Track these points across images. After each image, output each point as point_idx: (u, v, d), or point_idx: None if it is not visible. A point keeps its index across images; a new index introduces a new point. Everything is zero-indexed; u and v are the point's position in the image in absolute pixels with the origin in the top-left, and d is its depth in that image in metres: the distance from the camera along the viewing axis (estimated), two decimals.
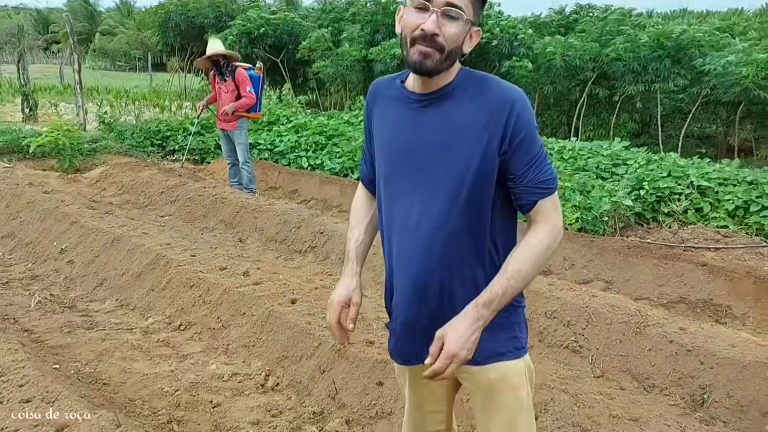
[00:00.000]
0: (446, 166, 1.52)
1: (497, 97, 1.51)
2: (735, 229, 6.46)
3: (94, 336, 3.81)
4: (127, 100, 16.28)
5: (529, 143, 1.51)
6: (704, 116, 12.39)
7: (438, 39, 1.46)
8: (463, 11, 1.46)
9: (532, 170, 1.52)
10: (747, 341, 3.66)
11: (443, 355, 1.46)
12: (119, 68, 43.91)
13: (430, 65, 1.48)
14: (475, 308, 1.48)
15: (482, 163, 1.50)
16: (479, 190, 1.53)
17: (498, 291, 1.49)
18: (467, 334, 1.46)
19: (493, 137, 1.49)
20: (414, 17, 1.48)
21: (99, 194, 7.22)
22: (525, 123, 1.50)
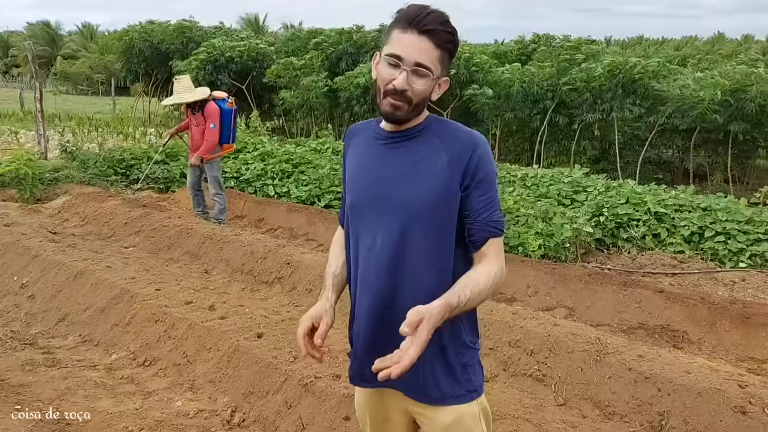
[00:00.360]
0: (408, 197, 1.62)
1: (461, 138, 1.63)
2: (691, 254, 6.68)
3: (56, 374, 3.75)
4: (90, 127, 16.07)
5: (487, 184, 1.62)
6: (661, 143, 12.80)
7: (407, 93, 1.57)
8: (431, 70, 1.57)
9: (487, 209, 1.63)
10: (702, 367, 3.79)
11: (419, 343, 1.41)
12: (81, 92, 43.34)
13: (400, 115, 1.61)
14: (443, 306, 1.48)
15: (443, 195, 1.61)
16: (439, 221, 1.62)
17: (462, 300, 1.53)
18: (435, 327, 1.45)
19: (455, 174, 1.60)
20: (387, 71, 1.59)
21: (61, 225, 7.11)
22: (485, 164, 1.62)
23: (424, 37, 1.54)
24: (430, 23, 1.54)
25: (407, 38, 1.55)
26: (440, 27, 1.55)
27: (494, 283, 1.60)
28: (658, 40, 50.82)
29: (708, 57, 15.30)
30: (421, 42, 1.54)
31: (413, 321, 1.42)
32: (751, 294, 5.71)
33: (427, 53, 1.55)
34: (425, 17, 1.54)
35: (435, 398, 1.69)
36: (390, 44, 1.58)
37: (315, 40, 16.96)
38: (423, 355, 1.48)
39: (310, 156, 10.08)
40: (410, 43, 1.54)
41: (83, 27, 56.80)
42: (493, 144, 12.96)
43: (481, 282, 1.57)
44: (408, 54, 1.55)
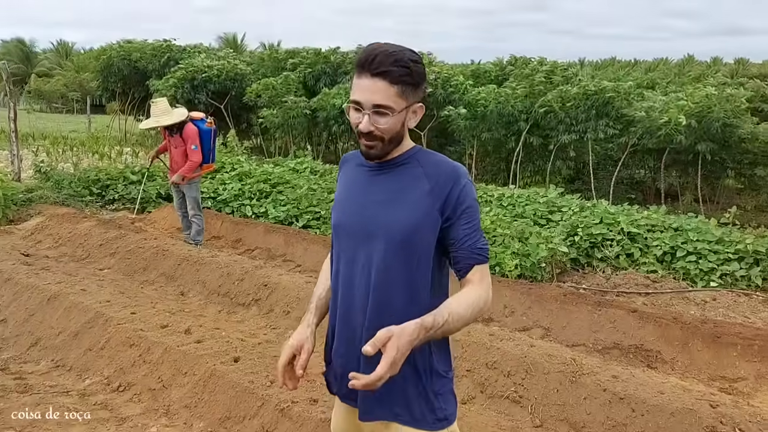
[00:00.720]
0: (388, 219, 1.69)
1: (444, 170, 1.70)
2: (663, 273, 6.80)
3: (28, 400, 3.68)
4: (65, 146, 15.88)
5: (471, 213, 1.69)
6: (633, 163, 13.03)
7: (375, 133, 1.65)
8: (392, 107, 1.63)
9: (471, 237, 1.69)
10: (675, 387, 3.85)
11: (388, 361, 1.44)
12: (56, 110, 42.87)
13: (375, 154, 1.70)
14: (419, 326, 1.51)
15: (422, 223, 1.66)
16: (417, 248, 1.68)
17: (440, 322, 1.55)
18: (407, 347, 1.48)
19: (436, 202, 1.66)
20: (353, 116, 1.67)
21: (34, 247, 7.01)
22: (468, 195, 1.69)
23: (377, 78, 1.60)
24: (380, 65, 1.59)
25: (362, 83, 1.62)
26: (391, 66, 1.60)
27: (477, 309, 1.64)
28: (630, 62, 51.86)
29: (677, 79, 15.66)
30: (375, 84, 1.61)
31: (380, 339, 1.46)
32: (721, 313, 5.82)
33: (383, 93, 1.61)
34: (374, 60, 1.60)
35: (405, 421, 1.73)
36: (352, 91, 1.66)
37: (292, 60, 17.03)
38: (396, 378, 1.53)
39: (288, 176, 10.09)
40: (365, 87, 1.62)
41: (58, 45, 56.34)
42: (470, 164, 13.07)
43: (461, 307, 1.61)
44: (365, 98, 1.62)
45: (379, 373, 1.44)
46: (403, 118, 1.67)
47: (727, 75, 20.43)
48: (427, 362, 1.72)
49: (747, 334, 4.73)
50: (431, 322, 1.53)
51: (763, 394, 4.23)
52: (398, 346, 1.45)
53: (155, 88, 17.31)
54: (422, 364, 1.72)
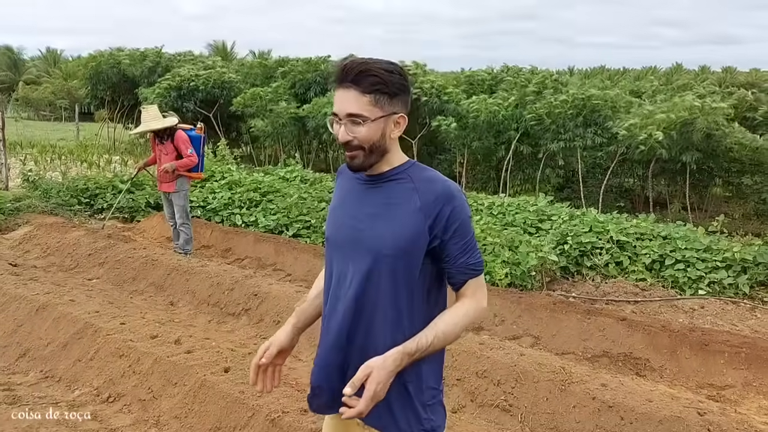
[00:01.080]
0: (377, 233, 1.71)
1: (436, 188, 1.71)
2: (652, 281, 6.85)
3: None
4: (53, 155, 15.81)
5: (463, 231, 1.72)
6: (622, 171, 13.13)
7: (353, 143, 1.68)
8: (364, 116, 1.66)
9: (464, 254, 1.73)
10: (663, 395, 3.88)
11: (368, 397, 1.57)
12: (43, 118, 42.64)
13: (357, 164, 1.72)
14: (401, 353, 1.63)
15: (411, 237, 1.68)
16: (405, 262, 1.70)
17: (423, 345, 1.65)
18: (388, 378, 1.61)
19: (426, 219, 1.68)
20: (334, 129, 1.72)
21: (22, 257, 6.97)
22: (460, 213, 1.71)
23: (349, 88, 1.65)
24: (349, 75, 1.65)
25: (337, 95, 1.69)
26: (360, 75, 1.64)
27: (467, 321, 1.73)
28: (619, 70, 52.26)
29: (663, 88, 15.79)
30: (346, 94, 1.66)
31: (359, 378, 1.58)
32: (709, 321, 5.87)
33: (355, 102, 1.65)
34: (345, 71, 1.65)
35: (388, 428, 1.75)
36: (332, 103, 1.71)
37: (282, 69, 17.06)
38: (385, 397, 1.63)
39: (278, 185, 10.08)
40: (339, 98, 1.68)
41: (47, 52, 56.09)
42: (460, 172, 13.12)
43: (448, 326, 1.69)
44: (340, 108, 1.67)
45: (361, 408, 1.57)
46: (380, 127, 1.68)
47: (714, 83, 20.64)
48: (414, 374, 1.74)
49: (734, 342, 4.77)
50: (414, 347, 1.64)
51: (750, 402, 4.27)
52: (378, 380, 1.58)
53: (144, 96, 17.27)
54: (410, 375, 1.73)
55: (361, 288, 1.71)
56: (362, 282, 1.71)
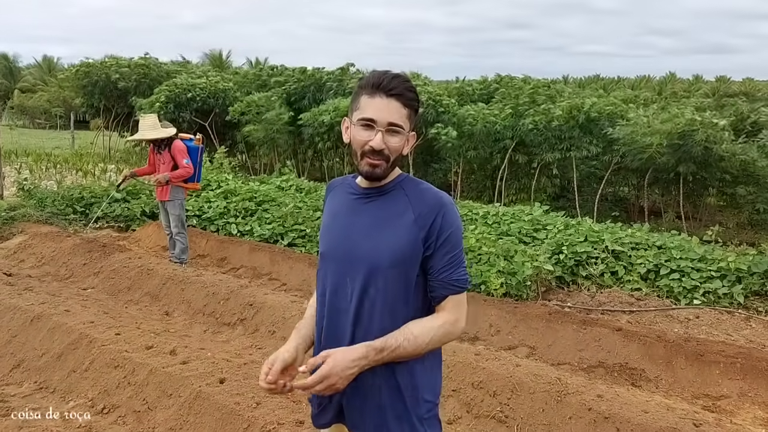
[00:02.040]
0: (374, 246, 1.72)
1: (429, 199, 1.74)
2: (647, 291, 6.86)
3: (10, 423, 3.63)
4: (48, 164, 15.78)
5: (451, 243, 1.73)
6: (617, 180, 13.17)
7: (384, 152, 1.70)
8: (403, 127, 1.71)
9: (448, 268, 1.73)
10: (659, 405, 3.89)
11: (319, 373, 1.61)
12: (39, 126, 42.56)
13: (379, 173, 1.73)
14: (367, 348, 1.66)
15: (407, 251, 1.70)
16: (401, 275, 1.72)
17: (392, 344, 1.67)
18: (348, 366, 1.63)
19: (420, 231, 1.70)
20: (362, 134, 1.71)
21: (17, 266, 6.94)
22: (451, 224, 1.73)
23: (392, 99, 1.68)
24: (396, 86, 1.68)
25: (377, 102, 1.68)
26: (405, 89, 1.69)
27: (441, 334, 1.73)
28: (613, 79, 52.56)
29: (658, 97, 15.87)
30: (390, 104, 1.68)
31: (313, 362, 1.64)
32: (704, 331, 5.88)
33: (397, 113, 1.69)
34: (390, 81, 1.68)
35: None
36: (361, 109, 1.70)
37: (276, 78, 17.09)
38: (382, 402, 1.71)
39: (274, 194, 10.08)
40: (381, 106, 1.68)
41: (42, 60, 56.04)
42: (455, 181, 13.15)
43: (418, 332, 1.70)
44: (380, 116, 1.68)
45: (307, 383, 1.61)
46: (405, 141, 1.74)
47: (708, 93, 20.77)
48: (411, 387, 1.74)
49: (730, 352, 4.79)
50: (381, 345, 1.66)
51: (745, 412, 4.28)
52: (334, 363, 1.61)
53: (139, 106, 17.27)
54: (406, 389, 1.74)
55: (360, 301, 1.72)
56: (360, 295, 1.72)
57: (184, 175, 6.72)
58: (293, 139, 15.20)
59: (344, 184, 1.91)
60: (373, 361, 1.65)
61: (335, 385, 1.61)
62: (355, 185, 1.85)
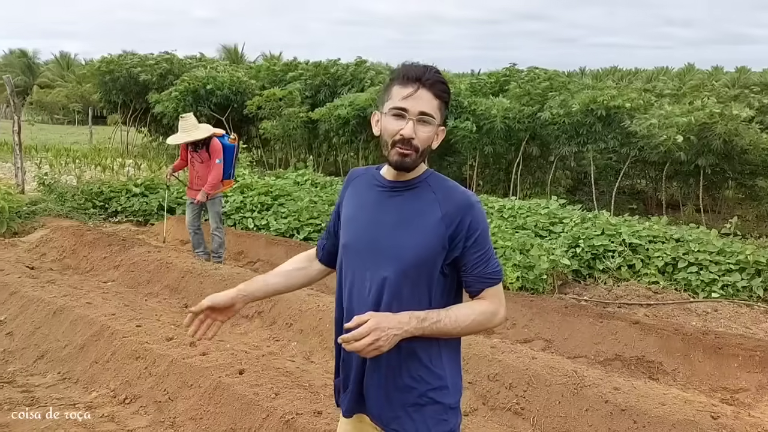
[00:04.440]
0: (399, 242, 1.73)
1: (457, 198, 1.76)
2: (665, 284, 6.83)
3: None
4: (68, 158, 15.97)
5: (481, 241, 1.75)
6: (634, 173, 13.09)
7: (414, 142, 1.71)
8: (434, 117, 1.72)
9: (481, 264, 1.76)
10: (676, 398, 3.88)
11: (367, 325, 1.61)
12: (57, 121, 43.04)
13: (408, 163, 1.73)
14: (410, 315, 1.68)
15: (432, 248, 1.72)
16: (424, 272, 1.73)
17: (434, 317, 1.69)
18: (392, 326, 1.63)
19: (447, 230, 1.72)
20: (393, 124, 1.72)
21: (39, 260, 7.06)
22: (479, 223, 1.75)
23: (424, 89, 1.70)
24: (428, 77, 1.70)
25: (409, 91, 1.70)
26: (437, 80, 1.71)
27: (483, 319, 1.75)
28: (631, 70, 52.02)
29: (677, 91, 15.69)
30: (422, 94, 1.70)
31: (359, 319, 1.63)
32: (723, 324, 5.85)
33: (429, 103, 1.70)
34: (423, 72, 1.70)
35: (405, 430, 1.76)
36: (392, 99, 1.72)
37: (291, 73, 17.13)
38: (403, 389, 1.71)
39: (290, 188, 10.14)
40: (412, 95, 1.70)
41: (60, 56, 56.63)
42: (470, 175, 13.12)
43: (461, 312, 1.73)
44: (412, 105, 1.69)
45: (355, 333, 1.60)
46: (435, 133, 1.75)
47: (728, 84, 20.50)
48: (434, 373, 1.77)
49: (748, 345, 4.76)
50: (424, 315, 1.68)
51: (764, 405, 4.26)
52: (380, 319, 1.62)
53: (156, 100, 17.40)
54: (429, 374, 1.76)
55: (380, 296, 1.73)
56: (380, 290, 1.73)
57: (214, 182, 6.67)
58: (309, 134, 15.27)
59: (368, 175, 1.90)
60: (415, 329, 1.66)
61: (379, 340, 1.61)
62: (380, 177, 1.84)
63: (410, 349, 1.73)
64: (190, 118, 6.81)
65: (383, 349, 1.62)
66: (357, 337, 1.60)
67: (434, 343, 1.76)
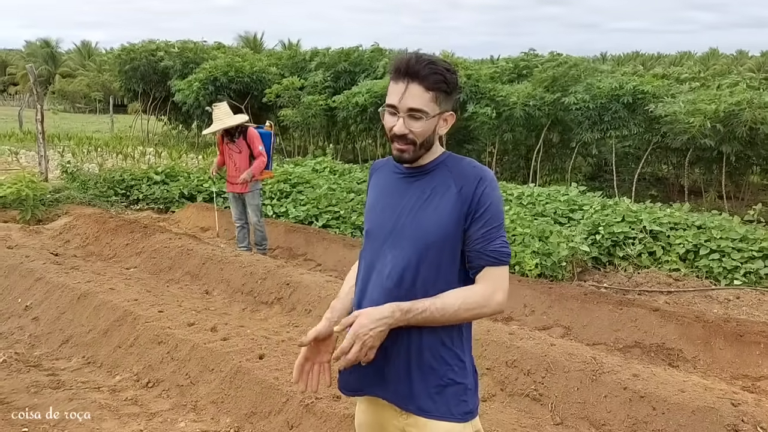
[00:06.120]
0: (419, 223, 1.75)
1: (470, 171, 1.76)
2: (686, 272, 6.76)
3: (61, 396, 3.79)
4: (90, 147, 16.17)
5: (489, 214, 1.73)
6: (656, 159, 12.93)
7: (409, 137, 1.72)
8: (426, 111, 1.70)
9: (485, 240, 1.73)
10: (696, 385, 3.85)
11: (349, 335, 1.63)
12: (79, 110, 43.52)
13: (407, 157, 1.76)
14: (393, 307, 1.67)
15: (451, 228, 1.73)
16: (446, 251, 1.74)
17: (419, 307, 1.68)
18: (375, 322, 1.64)
19: (463, 206, 1.72)
20: (388, 120, 1.74)
21: (62, 246, 7.17)
22: (489, 197, 1.73)
23: (414, 83, 1.68)
24: (418, 70, 1.67)
25: (398, 87, 1.70)
26: (427, 71, 1.68)
27: (474, 306, 1.71)
28: (653, 55, 51.22)
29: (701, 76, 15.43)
30: (411, 89, 1.68)
31: (345, 321, 1.67)
32: (745, 312, 5.79)
33: (419, 97, 1.69)
34: (412, 65, 1.68)
35: (430, 414, 1.77)
36: (388, 95, 1.73)
37: (315, 61, 17.11)
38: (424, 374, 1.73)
39: (308, 176, 10.18)
40: (400, 91, 1.69)
41: (81, 45, 57.14)
42: (490, 162, 13.05)
43: (447, 298, 1.70)
44: (400, 102, 1.69)
45: (343, 346, 1.63)
46: (435, 123, 1.74)
47: (753, 68, 20.15)
48: (455, 354, 1.78)
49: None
50: (408, 306, 1.67)
51: None
52: (361, 323, 1.63)
53: (178, 88, 17.51)
54: (450, 356, 1.77)
55: (400, 278, 1.74)
56: (401, 272, 1.74)
57: (261, 166, 6.60)
58: (327, 122, 15.28)
59: (388, 164, 1.93)
60: (400, 321, 1.66)
61: (367, 343, 1.62)
62: (399, 165, 1.86)
63: (432, 330, 1.74)
64: (223, 106, 6.69)
65: (374, 346, 1.65)
66: (346, 347, 1.63)
67: (453, 325, 1.76)
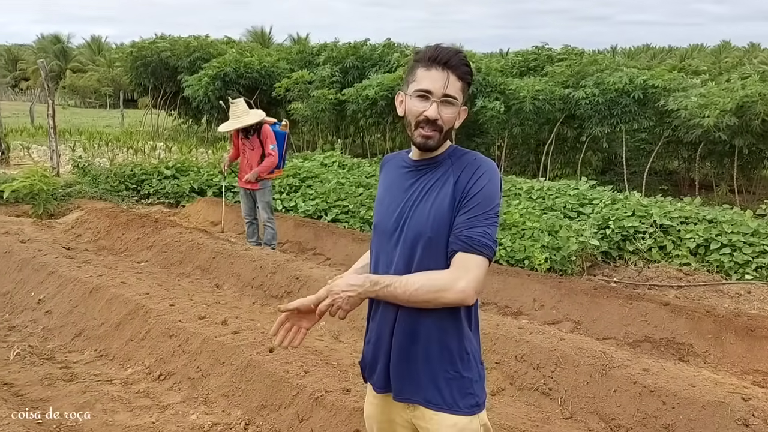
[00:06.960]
0: (420, 216, 1.78)
1: (468, 160, 1.79)
2: (696, 266, 6.73)
3: (74, 388, 3.84)
4: (100, 141, 16.26)
5: (476, 202, 1.72)
6: (666, 153, 12.84)
7: (438, 123, 1.75)
8: (457, 99, 1.75)
9: (467, 225, 1.72)
10: (707, 380, 3.85)
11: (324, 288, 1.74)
12: (89, 105, 43.73)
13: (432, 144, 1.78)
14: (365, 278, 1.73)
15: (447, 213, 1.74)
16: (445, 241, 1.75)
17: (385, 281, 1.72)
18: (348, 287, 1.71)
19: (457, 193, 1.75)
20: (417, 105, 1.75)
21: (74, 240, 7.23)
22: (480, 185, 1.74)
23: (448, 71, 1.73)
24: (452, 59, 1.73)
25: (433, 74, 1.74)
26: (460, 62, 1.74)
27: (429, 284, 1.70)
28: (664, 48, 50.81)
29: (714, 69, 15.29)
30: (445, 76, 1.73)
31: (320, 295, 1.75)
32: (756, 306, 5.76)
33: (452, 85, 1.74)
34: (447, 54, 1.73)
35: (437, 406, 1.80)
36: (417, 81, 1.76)
37: (323, 56, 17.10)
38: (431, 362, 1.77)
39: (317, 170, 10.20)
40: (437, 77, 1.73)
41: (91, 40, 57.32)
42: (499, 156, 13.01)
43: (411, 278, 1.73)
44: (436, 87, 1.73)
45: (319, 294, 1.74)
46: (458, 113, 1.78)
47: (766, 61, 19.92)
48: (462, 347, 1.80)
49: None
50: (377, 279, 1.73)
51: None
52: (337, 283, 1.73)
53: (187, 83, 17.56)
54: (457, 348, 1.79)
55: (406, 270, 1.77)
56: (406, 264, 1.78)
57: (270, 166, 6.54)
58: (336, 116, 15.28)
59: (396, 158, 1.97)
60: (369, 291, 1.71)
61: (337, 302, 1.70)
62: (407, 159, 1.90)
63: (440, 322, 1.76)
64: (241, 104, 6.64)
65: (342, 306, 1.70)
66: (320, 299, 1.72)
67: (461, 318, 1.78)
